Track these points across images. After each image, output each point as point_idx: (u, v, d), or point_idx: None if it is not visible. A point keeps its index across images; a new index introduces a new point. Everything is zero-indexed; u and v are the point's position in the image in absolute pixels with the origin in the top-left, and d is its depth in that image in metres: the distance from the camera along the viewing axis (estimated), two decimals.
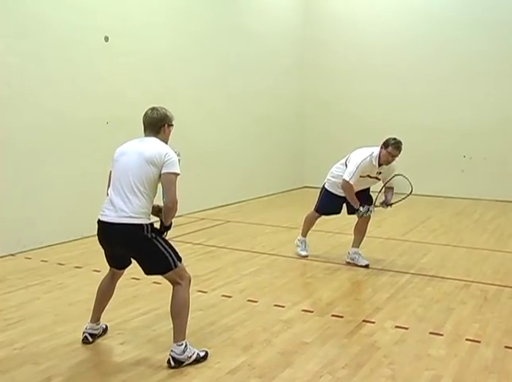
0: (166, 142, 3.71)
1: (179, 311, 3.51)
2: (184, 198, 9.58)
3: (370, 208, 5.71)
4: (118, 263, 3.75)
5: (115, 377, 3.33)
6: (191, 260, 6.08)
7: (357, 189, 5.70)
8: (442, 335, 3.95)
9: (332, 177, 5.94)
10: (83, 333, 3.80)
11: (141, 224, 3.41)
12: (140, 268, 3.59)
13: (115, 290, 3.87)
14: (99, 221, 3.52)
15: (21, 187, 6.31)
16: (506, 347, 3.75)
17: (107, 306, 3.85)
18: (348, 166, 5.67)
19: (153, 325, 4.14)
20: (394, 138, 5.60)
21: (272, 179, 11.11)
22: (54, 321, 4.20)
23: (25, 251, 6.29)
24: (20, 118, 6.32)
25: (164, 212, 3.56)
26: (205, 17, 9.15)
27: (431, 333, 4.00)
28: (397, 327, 4.11)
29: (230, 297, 4.81)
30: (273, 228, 7.86)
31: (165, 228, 3.60)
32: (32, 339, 3.90)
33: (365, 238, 6.00)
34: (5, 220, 6.18)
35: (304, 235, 6.31)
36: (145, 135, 3.66)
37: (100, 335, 3.89)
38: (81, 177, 6.94)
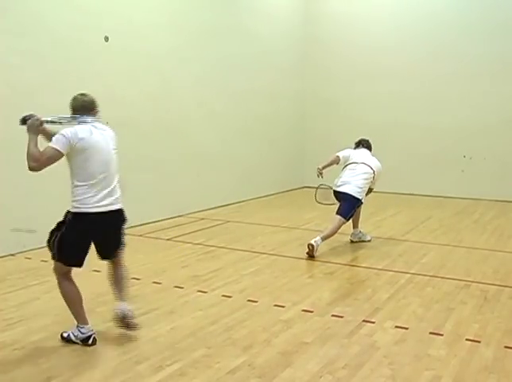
0: None
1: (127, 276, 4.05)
2: (184, 198, 9.66)
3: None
4: (84, 257, 3.84)
5: (115, 377, 3.33)
6: (191, 260, 6.09)
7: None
8: (442, 335, 3.95)
9: (362, 190, 6.56)
10: (90, 336, 3.77)
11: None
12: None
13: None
14: (95, 213, 3.69)
15: (21, 187, 6.30)
16: (506, 347, 3.75)
17: (107, 306, 3.85)
18: (378, 164, 6.98)
19: (153, 325, 4.13)
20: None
21: (272, 179, 11.11)
22: (54, 321, 4.20)
23: (25, 251, 6.29)
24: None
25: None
26: (205, 17, 9.14)
27: (431, 333, 4.00)
28: (397, 327, 4.11)
29: (230, 297, 4.81)
30: (273, 228, 7.86)
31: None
32: (32, 339, 3.90)
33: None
34: (5, 220, 6.18)
35: (356, 226, 6.85)
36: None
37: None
38: None
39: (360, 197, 6.45)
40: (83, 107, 3.86)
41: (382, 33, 11.18)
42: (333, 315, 4.36)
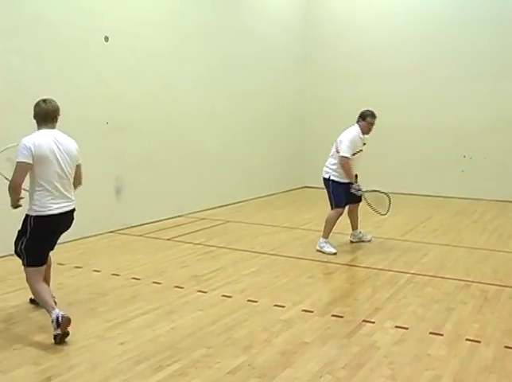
0: None
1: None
2: (184, 198, 9.64)
3: (361, 186, 6.38)
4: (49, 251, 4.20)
5: (115, 377, 3.33)
6: (191, 260, 6.10)
7: (356, 164, 6.38)
8: (442, 335, 3.95)
9: (331, 169, 6.36)
10: (58, 316, 3.76)
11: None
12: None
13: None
14: (54, 215, 3.95)
15: None
16: (506, 347, 3.75)
17: (107, 306, 3.84)
18: (342, 146, 6.28)
19: (153, 325, 4.13)
20: (368, 109, 6.50)
21: (272, 179, 11.12)
22: None
23: None
24: (20, 118, 6.31)
25: (76, 186, 4.27)
26: (205, 17, 9.15)
27: (431, 333, 4.00)
28: (397, 327, 4.11)
29: (230, 297, 4.81)
30: (273, 228, 7.86)
31: None
32: (32, 339, 3.90)
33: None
34: (6, 220, 6.17)
35: (327, 236, 6.37)
36: (45, 127, 4.03)
37: None
38: None
39: (327, 176, 6.39)
40: (47, 115, 4.01)
41: (382, 33, 11.18)
42: (333, 315, 4.36)
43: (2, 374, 3.38)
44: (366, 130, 6.44)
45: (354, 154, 6.34)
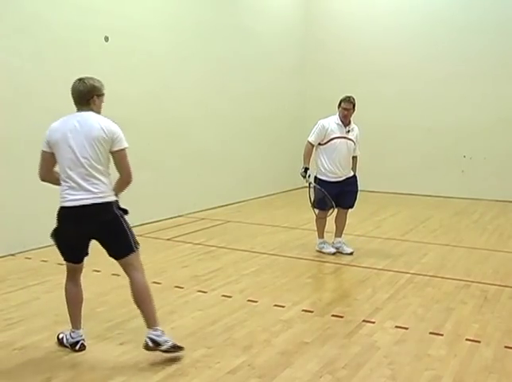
0: (99, 113, 3.65)
1: (144, 298, 3.57)
2: (184, 198, 9.64)
3: (307, 178, 6.23)
4: (78, 253, 3.66)
5: (115, 377, 3.33)
6: (191, 260, 6.10)
7: (339, 155, 6.11)
8: (442, 335, 3.95)
9: (316, 165, 6.37)
10: (78, 342, 3.68)
11: (110, 202, 3.54)
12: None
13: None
14: (66, 207, 3.47)
15: (21, 187, 6.30)
16: (506, 347, 3.75)
17: (107, 306, 3.84)
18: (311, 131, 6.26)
19: None
20: (345, 95, 6.28)
21: (272, 179, 11.11)
22: (54, 321, 4.19)
23: (25, 251, 6.29)
24: (20, 118, 6.32)
25: (121, 186, 3.67)
26: (205, 17, 9.15)
27: (431, 333, 4.00)
28: (397, 327, 4.11)
29: (230, 297, 4.81)
30: (273, 228, 7.86)
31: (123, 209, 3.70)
32: (32, 339, 3.90)
33: (346, 226, 6.40)
34: (6, 220, 6.18)
35: (321, 237, 6.32)
36: (78, 109, 3.59)
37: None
38: None
39: (314, 174, 6.32)
40: (78, 96, 3.57)
41: (382, 33, 11.18)
42: (333, 315, 4.36)
43: (2, 374, 3.38)
44: (342, 115, 6.15)
45: (329, 141, 6.10)
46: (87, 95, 3.56)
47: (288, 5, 11.64)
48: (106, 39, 7.32)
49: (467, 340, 3.87)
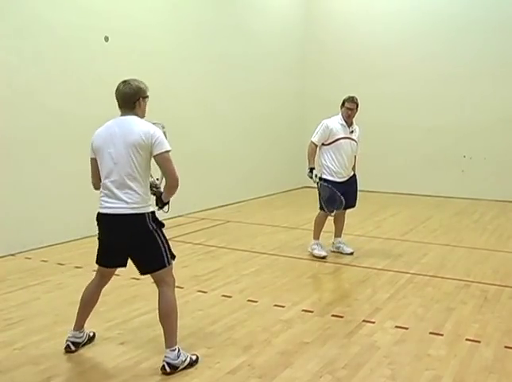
0: (143, 116, 3.52)
1: (169, 314, 3.47)
2: (184, 198, 9.58)
3: (314, 178, 6.02)
4: (105, 259, 3.59)
5: (115, 377, 3.33)
6: (191, 260, 6.09)
7: (344, 155, 6.07)
8: (442, 335, 3.95)
9: (320, 165, 6.19)
10: (66, 341, 3.66)
11: (143, 214, 3.37)
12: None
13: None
14: (100, 214, 3.43)
15: (21, 187, 6.30)
16: (506, 347, 3.75)
17: (107, 306, 3.84)
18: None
19: (153, 325, 4.12)
20: (348, 95, 6.24)
21: (272, 179, 11.11)
22: (54, 321, 4.20)
23: (25, 251, 6.29)
24: (20, 118, 6.32)
25: (168, 191, 3.56)
26: (205, 17, 9.15)
27: (431, 333, 4.00)
28: (397, 327, 4.11)
29: (230, 297, 4.81)
30: (273, 228, 7.86)
31: (164, 203, 3.62)
32: (32, 339, 3.90)
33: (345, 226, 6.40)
34: (6, 220, 6.18)
35: (316, 238, 6.24)
36: (122, 113, 3.46)
37: (85, 343, 3.74)
38: (81, 176, 6.90)
39: (319, 175, 6.10)
40: (122, 99, 3.42)
41: (382, 33, 11.19)
42: (333, 315, 4.36)
43: (2, 374, 3.38)
44: (345, 116, 6.11)
45: (334, 141, 6.03)
46: (132, 98, 3.41)
47: (288, 5, 11.64)
48: (106, 39, 7.31)
49: (467, 340, 3.87)
